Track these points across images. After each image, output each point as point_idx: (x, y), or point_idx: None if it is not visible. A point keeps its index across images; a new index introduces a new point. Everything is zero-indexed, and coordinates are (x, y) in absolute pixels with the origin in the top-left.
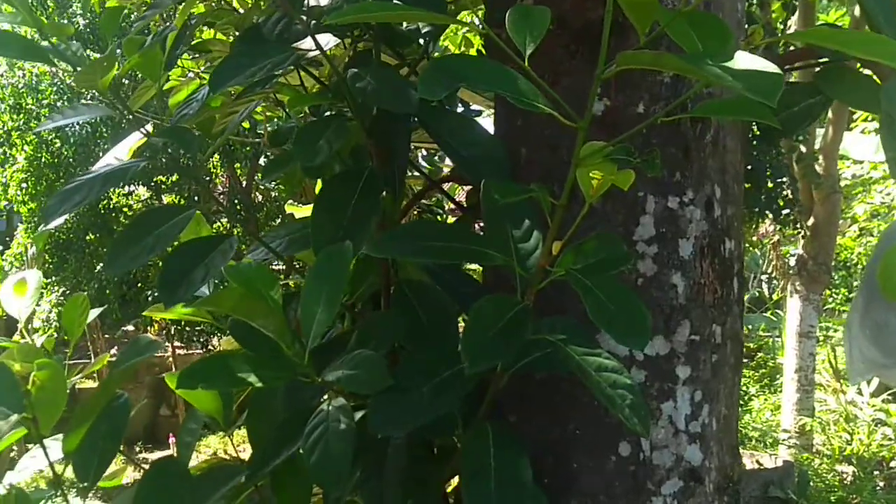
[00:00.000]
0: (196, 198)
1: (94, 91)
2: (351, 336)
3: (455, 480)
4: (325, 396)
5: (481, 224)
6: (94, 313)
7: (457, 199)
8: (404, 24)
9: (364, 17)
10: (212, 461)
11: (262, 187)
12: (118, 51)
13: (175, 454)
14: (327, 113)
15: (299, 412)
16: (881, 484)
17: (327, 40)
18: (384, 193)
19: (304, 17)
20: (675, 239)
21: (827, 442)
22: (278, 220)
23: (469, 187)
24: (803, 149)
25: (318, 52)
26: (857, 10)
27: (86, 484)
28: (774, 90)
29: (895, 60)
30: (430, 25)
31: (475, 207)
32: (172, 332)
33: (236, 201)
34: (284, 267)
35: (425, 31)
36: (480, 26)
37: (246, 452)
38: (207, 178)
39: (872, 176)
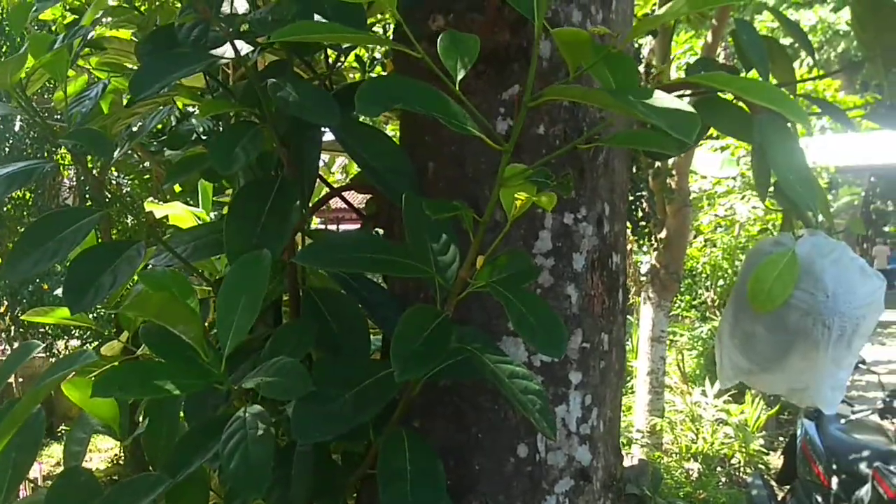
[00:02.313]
0: (41, 191)
1: None
2: (255, 344)
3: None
4: (235, 404)
5: (379, 232)
6: None
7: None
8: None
9: (310, 37)
10: (110, 470)
11: (115, 183)
12: None
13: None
14: (233, 119)
15: (212, 420)
16: (724, 479)
17: (241, 48)
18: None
19: (223, 24)
20: (570, 253)
21: (675, 441)
22: (129, 218)
23: (368, 196)
24: (659, 165)
25: (231, 59)
26: (709, 37)
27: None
28: (692, 128)
29: (782, 107)
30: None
31: (375, 216)
32: (13, 333)
33: (87, 196)
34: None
35: (346, 47)
36: (412, 49)
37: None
38: (55, 171)
39: (717, 191)
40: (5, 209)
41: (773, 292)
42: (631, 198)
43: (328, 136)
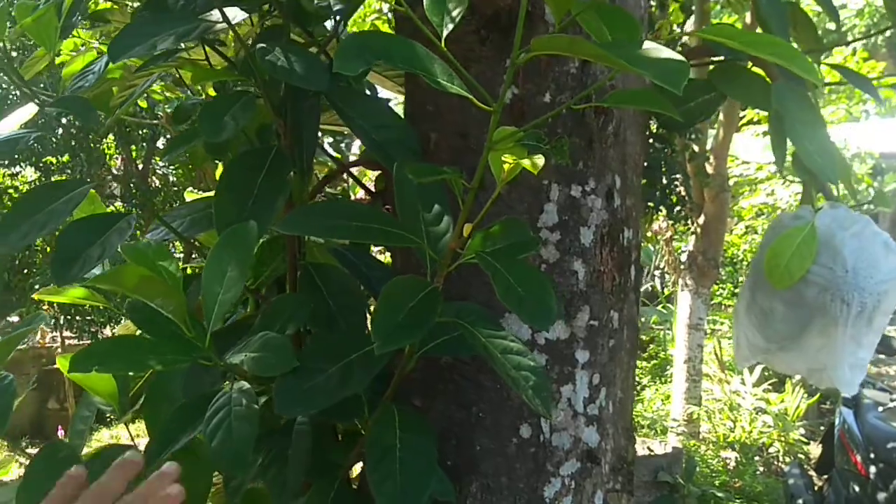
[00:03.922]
0: (89, 181)
1: None
2: (255, 320)
3: (358, 467)
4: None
5: (388, 209)
6: None
7: (365, 184)
8: (315, 1)
9: None
10: (105, 447)
11: (160, 172)
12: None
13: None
14: (235, 90)
15: (200, 396)
16: (761, 468)
17: (234, 14)
18: (292, 174)
19: None
20: (577, 227)
21: (713, 429)
22: (176, 206)
23: (378, 172)
24: (696, 148)
25: (224, 26)
26: (748, 18)
27: None
28: (680, 78)
29: (789, 61)
30: (342, 4)
31: (384, 193)
32: (62, 321)
33: (132, 185)
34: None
35: (336, 8)
36: (397, 4)
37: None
38: (100, 161)
39: (758, 176)
40: None
41: (790, 267)
42: (665, 181)
43: None
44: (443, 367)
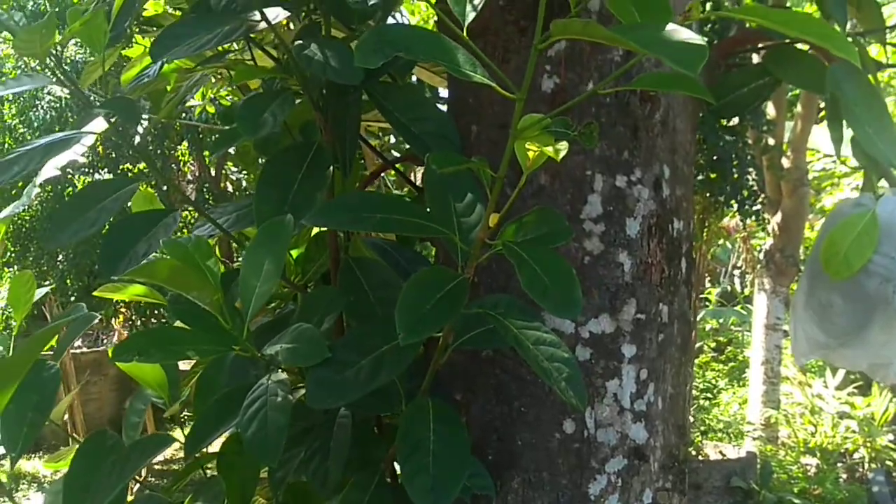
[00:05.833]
0: (165, 187)
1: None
2: None
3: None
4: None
5: None
6: (40, 292)
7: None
8: None
9: None
10: (147, 437)
11: (234, 178)
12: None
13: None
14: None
15: (240, 387)
16: (844, 475)
17: (276, 13)
18: (334, 169)
19: None
20: (623, 218)
21: (792, 434)
22: None
23: (424, 168)
24: (771, 141)
25: (260, 21)
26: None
27: (13, 454)
28: (698, 60)
29: (825, 40)
30: None
31: None
32: (139, 322)
33: (205, 190)
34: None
35: (372, 2)
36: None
37: None
38: (176, 167)
39: (841, 170)
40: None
41: (849, 257)
42: (735, 175)
43: None
44: (484, 361)
